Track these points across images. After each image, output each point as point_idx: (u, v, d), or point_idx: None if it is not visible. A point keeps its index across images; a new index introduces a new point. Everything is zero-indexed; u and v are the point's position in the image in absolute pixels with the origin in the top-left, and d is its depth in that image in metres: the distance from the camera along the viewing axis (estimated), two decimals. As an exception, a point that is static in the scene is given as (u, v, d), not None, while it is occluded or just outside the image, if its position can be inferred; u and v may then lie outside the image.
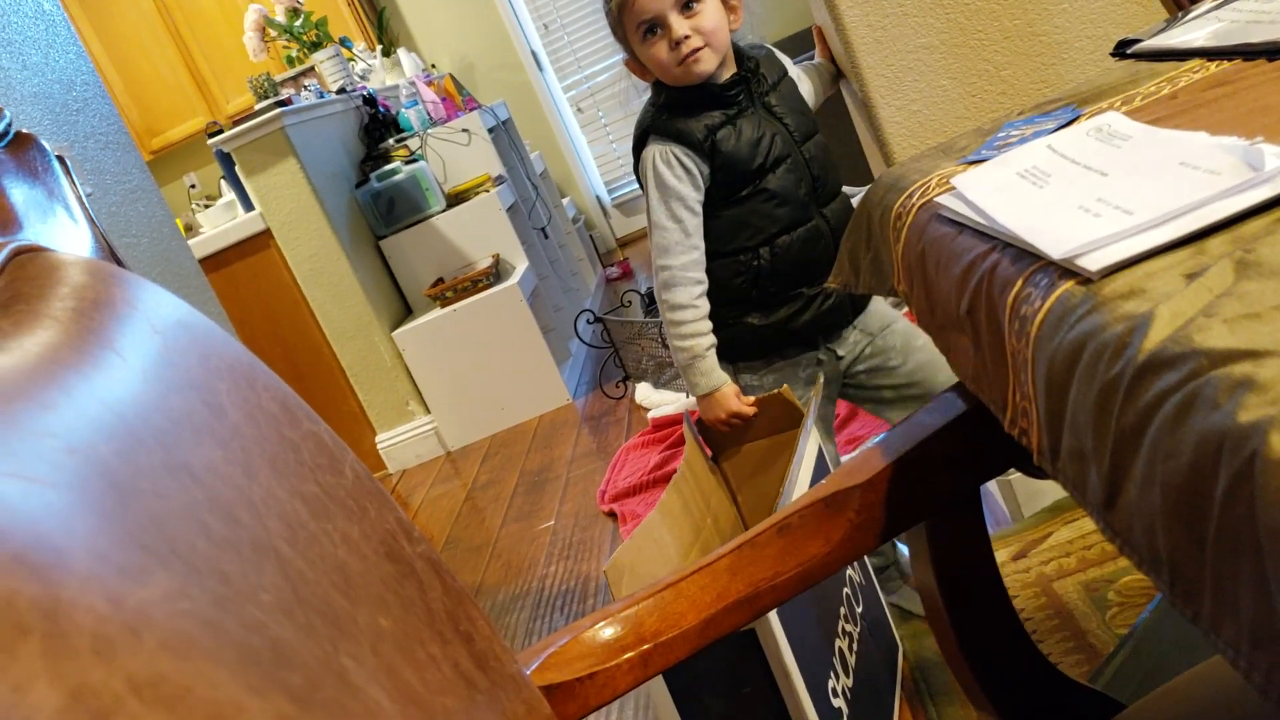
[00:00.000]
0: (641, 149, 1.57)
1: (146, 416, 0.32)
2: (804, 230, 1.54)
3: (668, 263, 1.53)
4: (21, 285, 0.38)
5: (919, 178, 0.74)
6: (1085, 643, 1.52)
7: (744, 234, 1.54)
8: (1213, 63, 0.71)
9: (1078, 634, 1.54)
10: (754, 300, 1.57)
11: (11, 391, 0.28)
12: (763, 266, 1.54)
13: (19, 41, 2.32)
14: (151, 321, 0.39)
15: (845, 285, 0.89)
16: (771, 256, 1.53)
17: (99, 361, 0.33)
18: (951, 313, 0.60)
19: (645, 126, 1.56)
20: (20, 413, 0.26)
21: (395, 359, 3.74)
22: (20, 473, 0.23)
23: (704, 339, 1.55)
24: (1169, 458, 0.34)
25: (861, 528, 0.65)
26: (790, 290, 1.56)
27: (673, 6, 1.45)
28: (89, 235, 0.51)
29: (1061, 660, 1.50)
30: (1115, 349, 0.40)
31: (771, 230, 1.53)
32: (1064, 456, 0.44)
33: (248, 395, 0.40)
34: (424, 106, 4.16)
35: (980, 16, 1.66)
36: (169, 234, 2.65)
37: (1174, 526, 0.34)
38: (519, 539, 2.82)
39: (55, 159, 0.54)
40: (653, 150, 1.54)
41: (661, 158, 1.52)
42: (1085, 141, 0.61)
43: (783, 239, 1.53)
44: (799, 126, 1.57)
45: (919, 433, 0.66)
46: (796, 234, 1.54)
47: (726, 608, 0.65)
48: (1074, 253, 0.47)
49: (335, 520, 0.38)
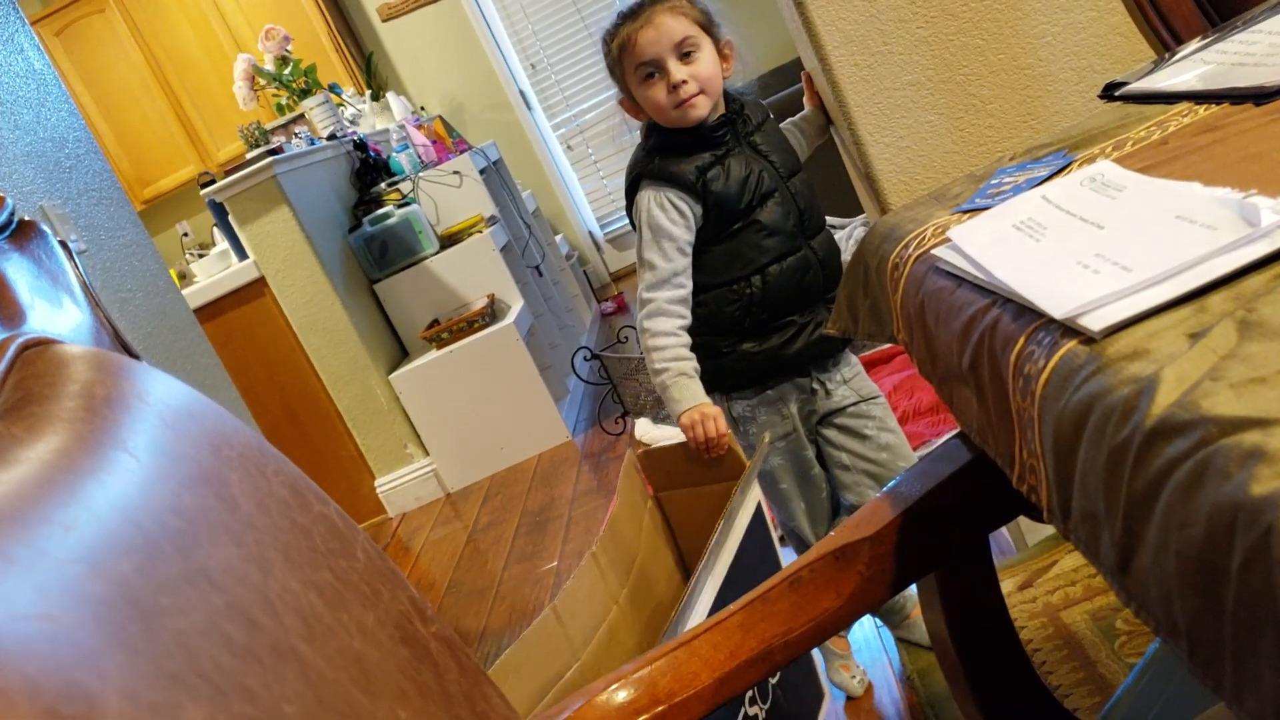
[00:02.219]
0: (635, 192, 1.61)
1: (163, 521, 0.32)
2: (793, 260, 1.59)
3: (654, 295, 1.58)
4: (30, 384, 0.38)
5: (914, 227, 0.75)
6: (1095, 673, 1.51)
7: (736, 265, 1.58)
8: (1201, 106, 0.72)
9: (1087, 664, 1.53)
10: (747, 329, 1.60)
11: (33, 515, 0.28)
12: (755, 295, 1.57)
13: (10, 101, 2.33)
14: (161, 414, 0.39)
15: (844, 331, 0.89)
16: (763, 285, 1.57)
17: (112, 465, 0.33)
18: (954, 366, 0.60)
19: (638, 171, 1.61)
20: (44, 537, 0.27)
21: (392, 402, 3.74)
22: (50, 612, 0.23)
23: (687, 362, 1.58)
24: (1183, 527, 0.34)
25: (872, 580, 0.65)
26: (782, 318, 1.60)
27: (672, 52, 1.51)
28: (95, 321, 0.51)
29: (1072, 691, 1.49)
30: (1123, 412, 0.40)
31: (762, 260, 1.57)
32: (1075, 517, 0.44)
33: (259, 483, 0.40)
34: (415, 150, 4.19)
35: (965, 52, 1.68)
36: (164, 287, 2.66)
37: (1191, 596, 0.34)
38: (522, 581, 2.81)
39: (59, 244, 0.54)
40: (647, 194, 1.58)
41: (655, 201, 1.57)
42: (1080, 192, 0.62)
43: (773, 268, 1.57)
44: (784, 163, 1.63)
45: (927, 483, 0.66)
46: (786, 263, 1.58)
47: (740, 666, 0.65)
48: (1076, 312, 0.47)
49: (350, 608, 0.38)
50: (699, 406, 1.54)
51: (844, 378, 1.66)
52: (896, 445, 1.66)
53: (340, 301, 3.63)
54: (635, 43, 1.52)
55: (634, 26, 1.52)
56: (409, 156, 4.17)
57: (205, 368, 2.72)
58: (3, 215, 0.51)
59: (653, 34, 1.51)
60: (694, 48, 1.52)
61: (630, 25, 1.52)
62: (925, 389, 2.62)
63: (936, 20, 1.67)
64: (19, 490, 0.29)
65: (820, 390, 1.65)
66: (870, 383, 1.70)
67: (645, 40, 1.51)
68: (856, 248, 0.86)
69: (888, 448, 1.65)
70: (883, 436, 1.65)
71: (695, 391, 1.56)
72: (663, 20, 1.51)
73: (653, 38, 1.51)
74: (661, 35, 1.50)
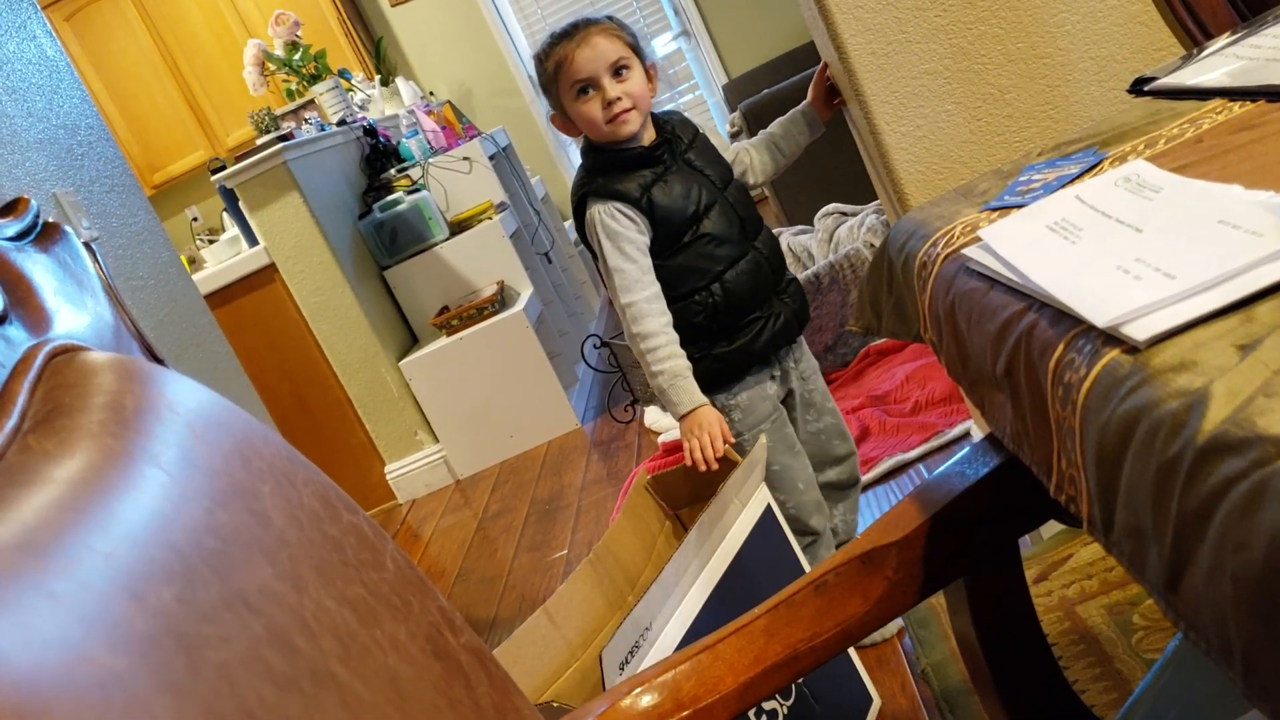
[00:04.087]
0: (584, 212, 1.70)
1: (199, 541, 0.31)
2: (745, 263, 1.68)
3: (633, 299, 1.65)
4: (60, 394, 0.37)
5: (942, 224, 0.74)
6: (1112, 669, 1.50)
7: (694, 276, 1.67)
8: (1235, 103, 0.71)
9: (1104, 659, 1.53)
10: (715, 333, 1.70)
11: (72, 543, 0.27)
12: (718, 303, 1.66)
13: (23, 89, 2.33)
14: (190, 424, 0.38)
15: (867, 329, 0.88)
16: (724, 292, 1.67)
17: (145, 481, 0.32)
18: (986, 370, 0.59)
19: (584, 191, 1.70)
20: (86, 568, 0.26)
21: (402, 389, 3.74)
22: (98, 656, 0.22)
23: (680, 360, 1.65)
24: (1240, 549, 0.34)
25: (900, 585, 0.64)
26: (745, 318, 1.69)
27: (606, 70, 1.61)
28: (120, 324, 0.50)
29: (1089, 688, 1.48)
30: (1171, 427, 0.39)
31: (718, 269, 1.67)
32: (1119, 531, 0.44)
33: (290, 495, 0.39)
34: (424, 136, 4.17)
35: (984, 41, 1.66)
36: (175, 274, 2.65)
37: (1247, 621, 0.33)
38: (532, 570, 2.81)
39: (83, 246, 0.53)
40: (595, 209, 1.67)
41: (606, 213, 1.66)
42: (1115, 192, 0.61)
43: (729, 274, 1.67)
44: (718, 175, 1.72)
45: (956, 485, 0.66)
46: (740, 267, 1.67)
47: (765, 670, 0.64)
48: (1119, 320, 0.46)
49: (383, 624, 0.38)
50: (696, 416, 1.62)
51: (796, 358, 1.79)
52: (831, 425, 1.84)
53: (350, 288, 3.62)
54: (572, 60, 1.61)
55: (570, 46, 1.61)
56: (419, 142, 4.16)
57: (216, 355, 2.72)
58: (28, 218, 0.50)
59: (589, 53, 1.60)
60: (626, 67, 1.62)
61: (566, 45, 1.62)
62: (938, 378, 2.61)
63: (954, 8, 1.65)
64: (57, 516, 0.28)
65: (792, 365, 1.78)
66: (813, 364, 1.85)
67: (581, 59, 1.60)
68: (879, 244, 0.85)
69: (826, 429, 1.83)
70: (823, 420, 1.83)
71: (693, 393, 1.64)
72: (598, 40, 1.61)
73: (589, 56, 1.60)
74: (597, 55, 1.60)
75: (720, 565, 1.39)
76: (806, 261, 3.46)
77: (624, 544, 1.58)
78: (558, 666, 1.33)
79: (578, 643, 1.36)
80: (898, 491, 2.29)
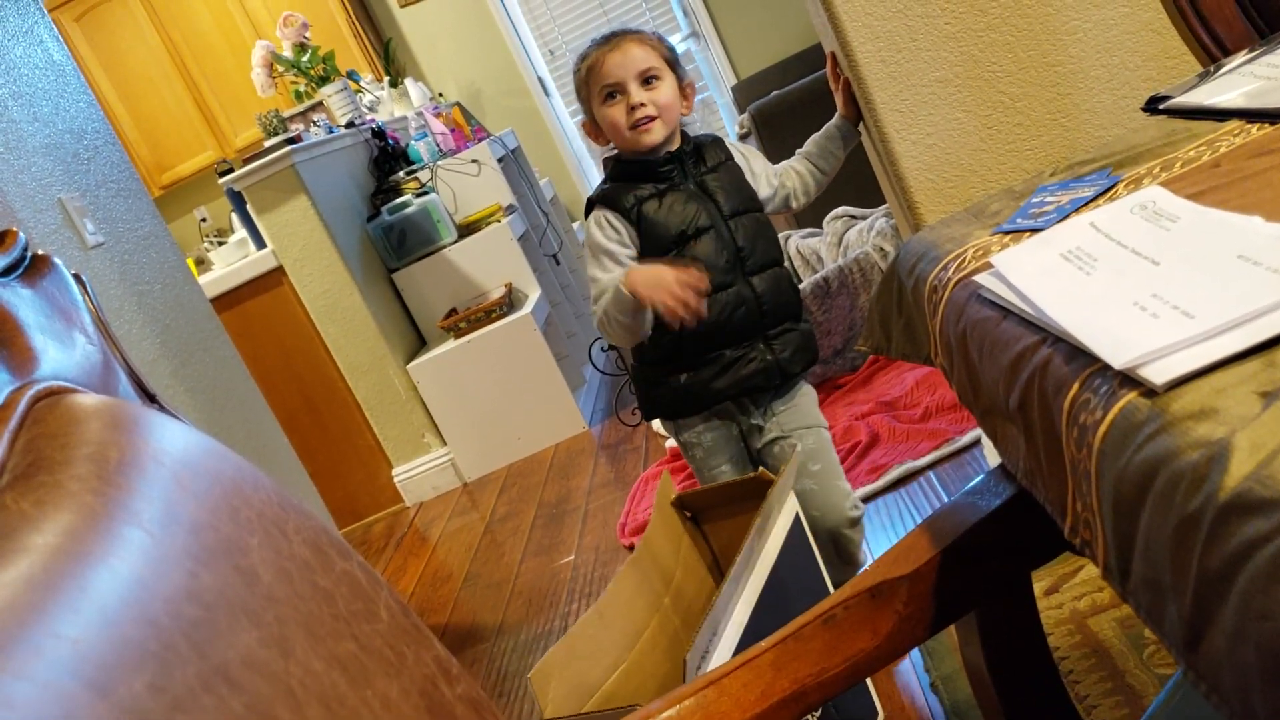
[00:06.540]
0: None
1: (179, 611, 0.30)
2: (727, 295, 1.65)
3: (601, 307, 1.67)
4: (42, 445, 0.36)
5: (953, 247, 0.72)
6: (1124, 683, 1.49)
7: None
8: (1253, 125, 0.69)
9: (1115, 674, 1.51)
10: (680, 360, 1.69)
11: (36, 629, 0.26)
12: (686, 327, 1.61)
13: (30, 93, 2.32)
14: (177, 476, 0.37)
15: (876, 349, 0.87)
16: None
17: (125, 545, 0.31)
18: (999, 402, 0.57)
19: (590, 196, 1.75)
20: (48, 661, 0.25)
21: (410, 391, 3.73)
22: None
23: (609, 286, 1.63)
24: (1264, 618, 0.32)
25: (910, 619, 0.63)
26: (712, 351, 1.67)
27: (635, 78, 1.63)
28: (111, 359, 0.49)
29: (1100, 703, 1.47)
30: (1192, 480, 0.38)
31: None
32: (1135, 581, 0.42)
33: (279, 545, 0.38)
34: (433, 138, 4.16)
35: (994, 49, 1.64)
36: (182, 279, 2.65)
37: (1273, 691, 0.32)
38: (539, 574, 2.80)
39: (72, 279, 0.52)
40: (591, 216, 1.72)
41: (595, 221, 1.70)
42: (1131, 221, 0.59)
43: (706, 302, 1.62)
44: (729, 203, 1.70)
45: (968, 517, 0.64)
46: (719, 298, 1.64)
47: (771, 706, 0.63)
48: (1136, 362, 0.44)
49: (374, 682, 0.36)
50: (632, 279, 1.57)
51: (773, 411, 1.74)
52: (821, 475, 1.72)
53: (358, 291, 3.62)
54: (602, 64, 1.64)
55: (604, 51, 1.65)
56: (427, 145, 4.15)
57: (223, 359, 2.72)
58: (15, 252, 0.49)
59: (619, 58, 1.63)
60: (656, 77, 1.64)
61: (601, 49, 1.65)
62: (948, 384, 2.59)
63: (965, 16, 1.63)
64: (25, 597, 0.27)
65: (760, 421, 1.74)
66: (806, 415, 1.75)
67: (612, 63, 1.63)
68: (889, 265, 0.83)
69: (813, 475, 1.72)
70: (810, 466, 1.73)
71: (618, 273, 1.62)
72: (631, 48, 1.64)
73: (619, 61, 1.63)
74: (628, 60, 1.63)
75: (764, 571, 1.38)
76: (815, 265, 3.44)
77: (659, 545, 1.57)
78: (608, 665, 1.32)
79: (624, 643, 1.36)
80: (907, 500, 2.27)
